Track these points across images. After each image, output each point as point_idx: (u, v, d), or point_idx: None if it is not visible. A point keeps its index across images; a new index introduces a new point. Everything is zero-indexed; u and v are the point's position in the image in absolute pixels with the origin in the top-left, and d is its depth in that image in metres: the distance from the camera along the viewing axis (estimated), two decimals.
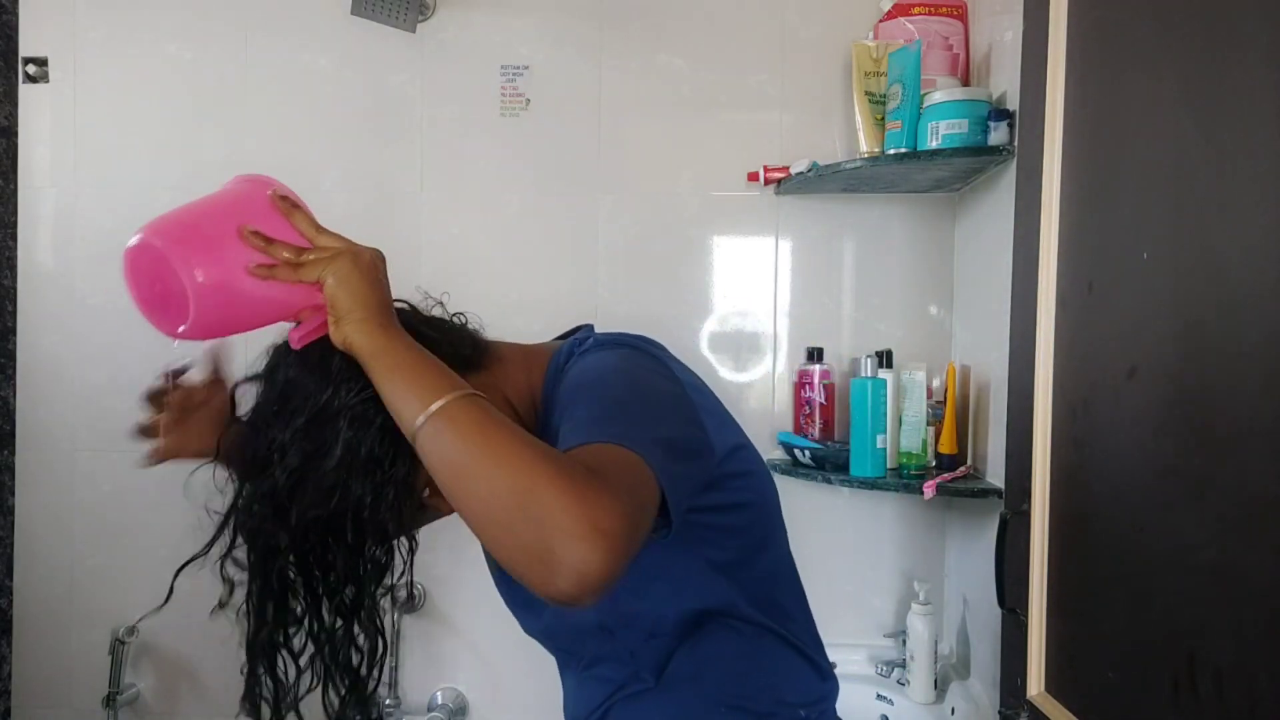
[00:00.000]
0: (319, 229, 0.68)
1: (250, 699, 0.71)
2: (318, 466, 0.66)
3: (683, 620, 0.75)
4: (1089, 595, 0.91)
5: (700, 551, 0.74)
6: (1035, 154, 1.03)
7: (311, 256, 0.66)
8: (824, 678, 0.82)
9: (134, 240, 0.63)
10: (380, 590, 0.71)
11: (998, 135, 1.38)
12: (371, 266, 0.67)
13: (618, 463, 0.57)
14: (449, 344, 0.73)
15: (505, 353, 0.80)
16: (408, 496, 0.69)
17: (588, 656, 0.81)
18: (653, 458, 0.58)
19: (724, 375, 1.73)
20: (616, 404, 0.65)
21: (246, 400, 0.72)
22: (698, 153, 1.72)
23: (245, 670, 0.71)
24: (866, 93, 1.58)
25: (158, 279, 0.63)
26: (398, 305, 0.73)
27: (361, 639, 0.71)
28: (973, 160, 1.41)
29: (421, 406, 0.59)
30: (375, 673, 0.73)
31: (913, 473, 1.51)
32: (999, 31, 1.46)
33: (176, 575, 0.70)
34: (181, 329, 0.63)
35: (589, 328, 0.86)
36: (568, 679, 0.87)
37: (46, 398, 1.76)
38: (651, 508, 0.57)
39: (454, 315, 0.81)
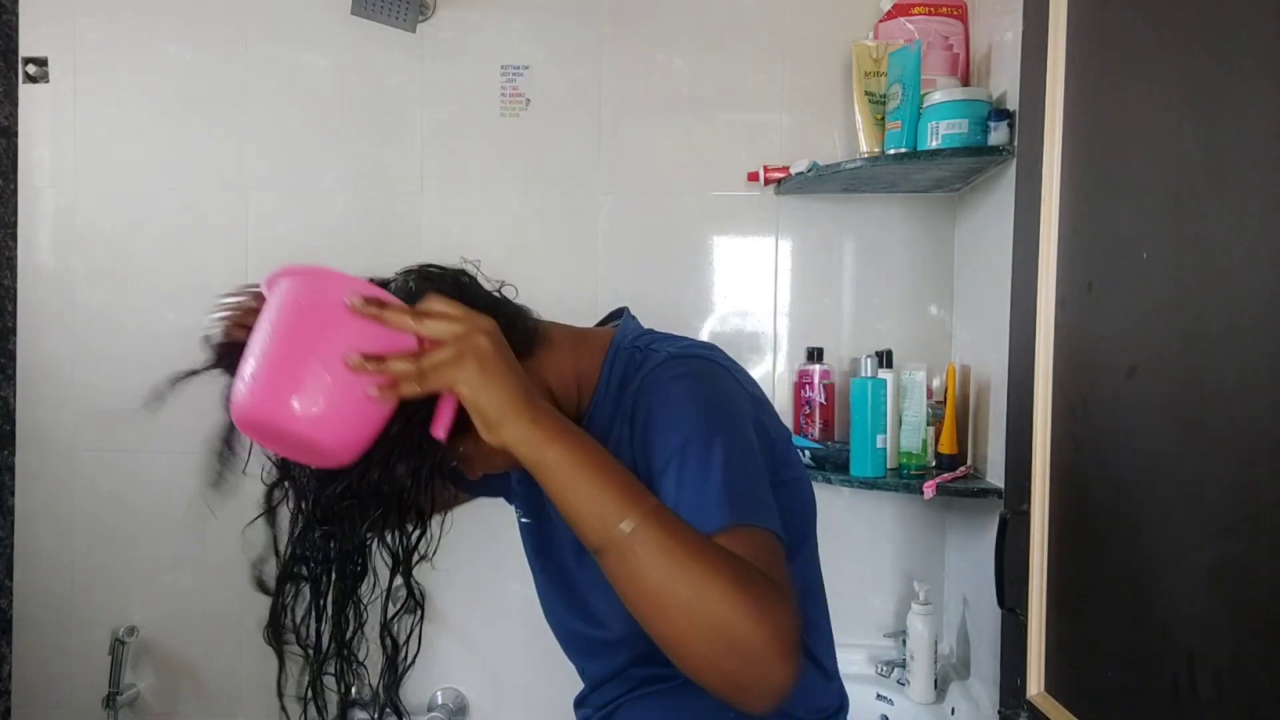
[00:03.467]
0: (417, 314, 0.60)
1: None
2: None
3: None
4: (1089, 595, 0.91)
5: None
6: (1035, 154, 1.03)
7: (430, 362, 0.59)
8: (837, 693, 0.85)
9: (239, 416, 0.61)
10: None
11: (998, 135, 1.38)
12: (498, 352, 0.60)
13: (764, 549, 0.61)
14: (508, 329, 0.68)
15: (555, 336, 0.79)
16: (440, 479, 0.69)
17: (603, 662, 0.82)
18: (776, 523, 0.64)
19: None
20: (730, 476, 0.64)
21: None
22: (698, 153, 1.72)
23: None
24: (866, 93, 1.58)
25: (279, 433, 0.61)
26: (461, 277, 0.72)
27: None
28: (973, 160, 1.41)
29: (608, 526, 0.58)
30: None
31: (913, 473, 1.51)
32: (999, 31, 1.46)
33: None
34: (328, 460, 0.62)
35: (627, 313, 0.86)
36: (585, 668, 0.88)
37: (46, 398, 1.76)
38: (787, 571, 0.63)
39: (500, 289, 0.79)
